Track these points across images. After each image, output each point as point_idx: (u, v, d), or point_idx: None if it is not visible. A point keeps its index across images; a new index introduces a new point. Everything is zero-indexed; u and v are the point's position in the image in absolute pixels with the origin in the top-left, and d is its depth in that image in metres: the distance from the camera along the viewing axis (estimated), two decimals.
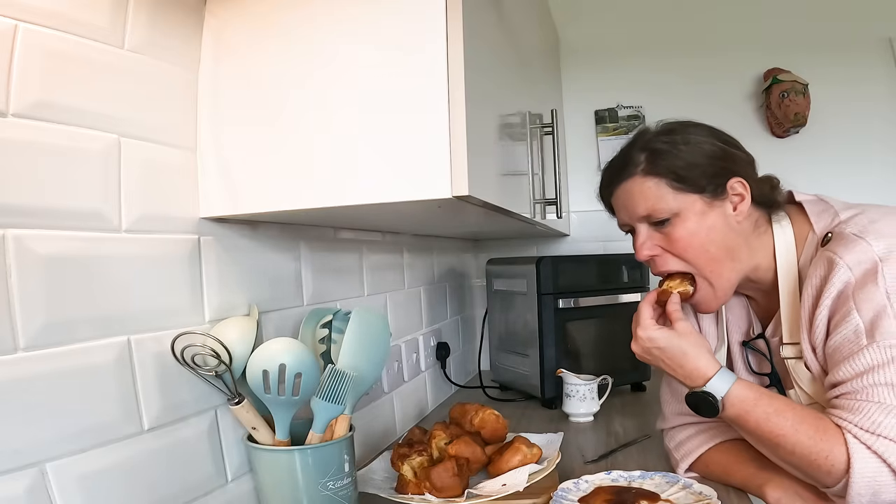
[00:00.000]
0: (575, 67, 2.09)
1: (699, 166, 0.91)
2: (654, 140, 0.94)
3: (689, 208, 0.91)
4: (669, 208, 0.91)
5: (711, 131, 0.96)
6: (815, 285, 0.86)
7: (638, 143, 0.96)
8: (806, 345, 0.88)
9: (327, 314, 0.95)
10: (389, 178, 0.76)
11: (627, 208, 0.96)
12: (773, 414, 0.83)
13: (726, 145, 0.94)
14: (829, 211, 0.92)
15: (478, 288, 2.17)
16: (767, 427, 0.83)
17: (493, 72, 0.95)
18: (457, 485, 0.93)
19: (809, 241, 0.92)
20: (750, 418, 0.84)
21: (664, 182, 0.91)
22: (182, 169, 0.82)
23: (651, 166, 0.92)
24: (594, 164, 2.09)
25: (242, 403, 0.82)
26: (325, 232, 1.15)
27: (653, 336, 0.91)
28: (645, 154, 0.93)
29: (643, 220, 0.95)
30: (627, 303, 1.70)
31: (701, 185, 0.91)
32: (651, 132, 0.96)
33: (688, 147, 0.92)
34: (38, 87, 0.62)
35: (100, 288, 0.68)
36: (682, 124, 0.96)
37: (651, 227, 0.94)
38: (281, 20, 0.81)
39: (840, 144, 1.96)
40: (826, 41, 1.96)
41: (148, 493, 0.72)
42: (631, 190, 0.94)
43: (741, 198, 0.92)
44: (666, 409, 1.12)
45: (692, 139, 0.93)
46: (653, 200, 0.92)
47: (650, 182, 0.92)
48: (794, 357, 0.91)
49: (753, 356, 1.01)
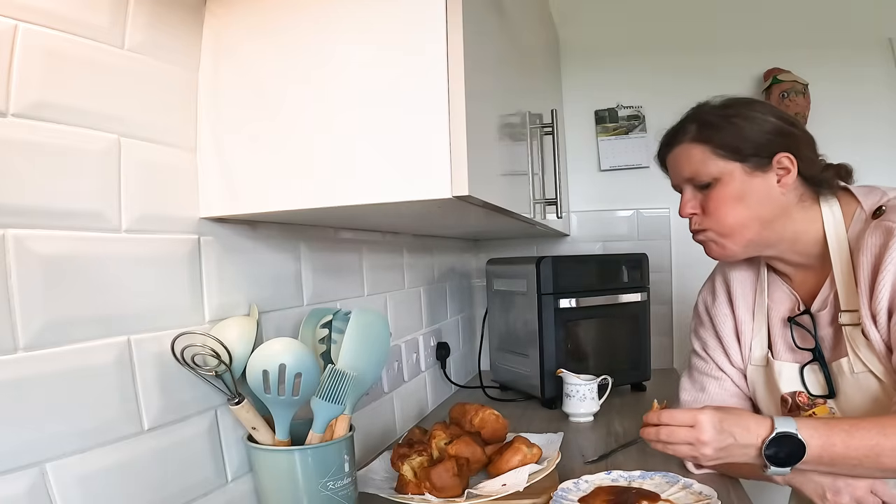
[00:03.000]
0: (575, 67, 2.09)
1: (746, 139, 0.96)
2: (707, 113, 1.01)
3: (730, 174, 0.97)
4: (710, 173, 0.98)
5: (770, 109, 1.01)
6: (874, 253, 0.88)
7: (693, 115, 1.03)
8: (865, 310, 0.90)
9: (327, 314, 0.95)
10: (389, 178, 0.76)
11: (675, 170, 1.04)
12: (851, 429, 0.83)
13: (782, 122, 0.99)
14: (875, 191, 0.97)
15: (478, 288, 2.17)
16: (854, 443, 0.82)
17: (493, 72, 0.95)
18: (457, 485, 0.93)
19: (857, 216, 0.96)
20: (836, 441, 0.83)
21: (708, 149, 0.98)
22: (182, 169, 0.81)
23: (699, 134, 0.99)
24: (594, 164, 2.10)
25: (242, 403, 0.82)
26: (325, 232, 1.15)
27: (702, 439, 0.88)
28: (696, 124, 1.01)
29: (688, 183, 1.02)
30: (627, 303, 1.70)
31: (744, 154, 0.96)
32: (708, 106, 1.03)
33: (740, 121, 0.97)
34: (38, 87, 0.62)
35: (100, 288, 0.68)
36: (742, 101, 1.02)
37: (695, 189, 1.01)
38: (281, 20, 0.81)
39: (840, 144, 1.94)
40: (826, 41, 1.96)
41: (148, 493, 0.72)
42: (679, 155, 1.02)
43: (787, 171, 0.96)
44: (682, 395, 1.14)
45: (748, 114, 0.98)
46: (696, 165, 0.99)
47: (696, 149, 0.99)
48: (852, 324, 0.93)
49: (798, 332, 1.02)
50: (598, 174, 2.09)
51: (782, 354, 1.04)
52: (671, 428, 0.90)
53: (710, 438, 0.87)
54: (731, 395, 1.10)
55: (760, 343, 1.06)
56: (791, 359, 1.02)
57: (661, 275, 2.02)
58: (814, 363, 0.99)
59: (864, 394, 0.93)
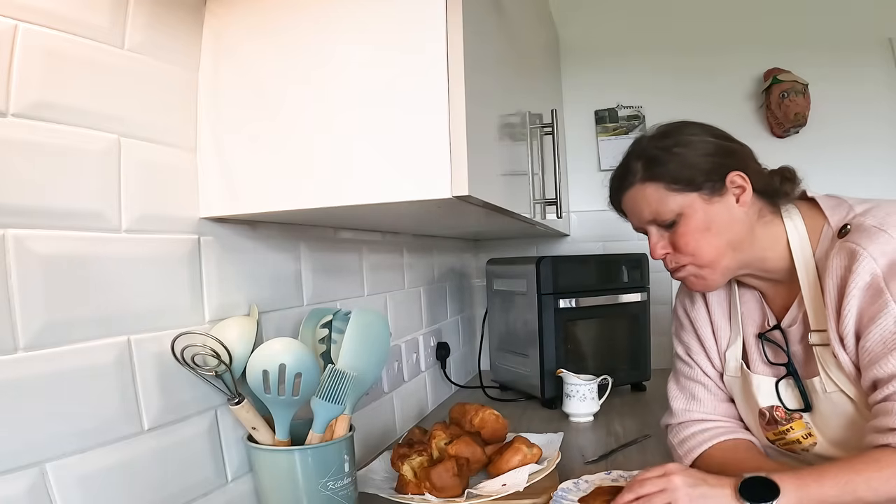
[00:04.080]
0: (575, 67, 2.09)
1: (693, 166, 0.94)
2: (648, 147, 0.98)
3: (690, 206, 0.94)
4: (671, 210, 0.95)
5: (704, 128, 0.98)
6: (839, 275, 0.86)
7: (634, 151, 1.00)
8: (833, 334, 0.88)
9: (327, 314, 0.95)
10: (389, 178, 0.76)
11: (635, 214, 1.01)
12: (820, 473, 0.80)
13: (721, 140, 0.97)
14: (842, 205, 0.94)
15: (478, 288, 2.17)
16: (827, 482, 0.79)
17: (493, 72, 0.95)
18: (457, 485, 0.93)
19: (825, 233, 0.93)
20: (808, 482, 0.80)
21: (662, 186, 0.95)
22: (182, 169, 0.82)
23: (648, 173, 0.96)
24: (594, 164, 2.09)
25: (242, 403, 0.82)
26: (325, 232, 1.15)
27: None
28: (641, 162, 0.97)
29: (651, 224, 0.99)
30: (627, 303, 1.71)
31: (697, 183, 0.93)
32: (646, 139, 1.00)
33: (681, 149, 0.95)
34: (38, 87, 0.62)
35: (100, 288, 0.68)
36: (675, 126, 0.99)
37: (660, 228, 0.98)
38: (281, 20, 0.81)
39: (840, 144, 1.96)
40: (826, 41, 1.96)
41: (148, 493, 0.72)
42: (634, 197, 0.99)
43: (742, 190, 0.94)
44: (674, 404, 1.12)
45: (686, 139, 0.96)
46: (655, 205, 0.96)
47: (650, 188, 0.96)
48: (821, 344, 0.92)
49: (770, 347, 1.01)
50: (598, 174, 2.09)
51: (758, 367, 1.02)
52: (642, 482, 0.86)
53: (680, 482, 0.84)
54: (721, 399, 1.09)
55: (735, 354, 1.05)
56: (767, 372, 1.00)
57: (661, 275, 1.99)
58: (788, 377, 0.97)
59: (838, 412, 0.91)
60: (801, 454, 0.98)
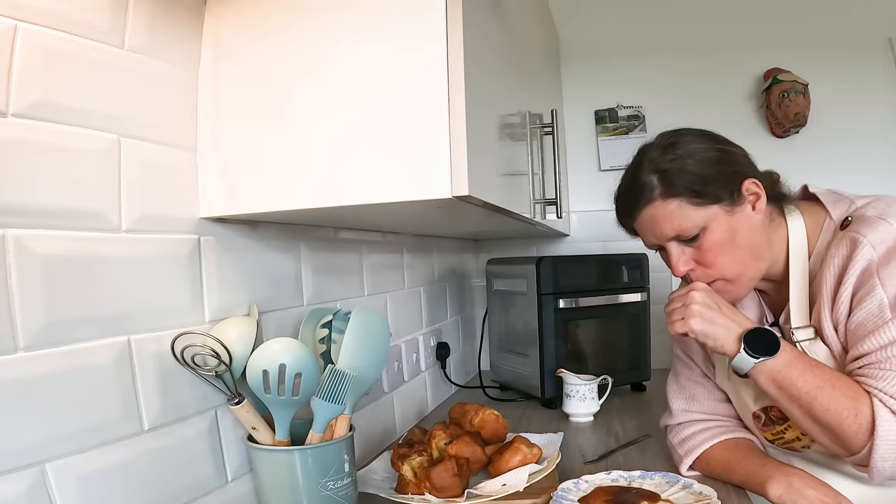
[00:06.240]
0: (575, 67, 2.09)
1: (711, 177, 0.92)
2: (660, 160, 0.95)
3: (713, 219, 0.93)
4: (696, 224, 0.93)
5: (704, 135, 0.97)
6: (839, 264, 0.88)
7: (645, 165, 0.96)
8: (827, 322, 0.90)
9: (327, 314, 0.95)
10: (389, 178, 0.76)
11: (654, 232, 0.97)
12: (815, 365, 0.86)
13: (723, 145, 0.97)
14: (844, 200, 0.95)
15: (478, 288, 2.17)
16: (809, 377, 0.84)
17: (493, 71, 0.95)
18: (457, 485, 0.93)
19: (826, 226, 0.95)
20: (799, 365, 0.86)
21: (684, 201, 0.93)
22: (182, 169, 0.81)
23: (668, 188, 0.93)
24: (594, 164, 2.09)
25: (242, 403, 0.82)
26: (325, 232, 1.15)
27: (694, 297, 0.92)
28: (657, 176, 0.94)
29: (673, 240, 0.96)
30: (627, 303, 1.71)
31: (718, 195, 0.92)
32: (655, 151, 0.97)
33: (693, 159, 0.93)
34: (38, 87, 0.62)
35: (100, 288, 0.68)
36: (678, 135, 0.97)
37: (682, 244, 0.96)
38: (281, 20, 0.81)
39: (840, 144, 1.96)
40: (826, 41, 1.96)
41: (148, 493, 0.72)
42: (654, 215, 0.96)
43: (757, 197, 0.94)
44: (673, 404, 1.13)
45: (692, 149, 0.94)
46: (678, 220, 0.93)
47: (671, 204, 0.93)
48: (808, 339, 0.93)
49: None
50: (598, 174, 2.09)
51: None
52: (669, 300, 0.96)
53: (699, 298, 0.91)
54: (720, 399, 1.09)
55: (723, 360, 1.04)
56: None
57: (661, 275, 2.00)
58: None
59: None
60: (802, 451, 0.98)
